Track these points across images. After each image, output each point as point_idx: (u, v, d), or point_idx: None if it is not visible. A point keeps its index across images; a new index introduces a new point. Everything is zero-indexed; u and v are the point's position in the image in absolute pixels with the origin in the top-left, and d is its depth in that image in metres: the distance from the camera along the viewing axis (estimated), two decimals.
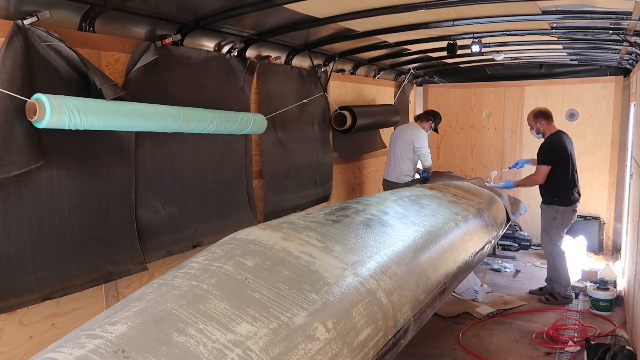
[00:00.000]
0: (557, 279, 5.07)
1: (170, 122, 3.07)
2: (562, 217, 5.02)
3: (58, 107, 2.38)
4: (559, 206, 5.01)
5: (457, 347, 4.16)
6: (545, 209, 5.14)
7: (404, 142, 5.80)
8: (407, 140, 5.78)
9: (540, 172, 5.03)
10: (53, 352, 1.72)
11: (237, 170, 4.06)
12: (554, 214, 5.04)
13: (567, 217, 5.03)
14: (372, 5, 3.54)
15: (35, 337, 2.68)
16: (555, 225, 5.05)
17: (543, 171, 5.00)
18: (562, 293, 5.05)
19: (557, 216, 5.03)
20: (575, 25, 4.16)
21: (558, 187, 5.01)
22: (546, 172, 4.98)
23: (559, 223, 5.04)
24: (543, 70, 7.04)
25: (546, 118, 5.14)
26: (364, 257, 2.65)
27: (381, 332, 2.36)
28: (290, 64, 4.73)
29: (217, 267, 2.23)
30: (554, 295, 5.07)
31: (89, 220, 2.86)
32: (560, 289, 5.06)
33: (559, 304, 5.01)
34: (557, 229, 5.06)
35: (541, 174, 5.01)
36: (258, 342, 1.86)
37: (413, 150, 5.76)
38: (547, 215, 5.12)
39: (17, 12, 2.45)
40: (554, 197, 5.05)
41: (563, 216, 5.02)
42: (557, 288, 5.07)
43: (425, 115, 6.03)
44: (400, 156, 5.81)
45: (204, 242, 3.60)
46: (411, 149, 5.76)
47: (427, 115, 6.01)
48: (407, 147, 5.77)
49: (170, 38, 3.25)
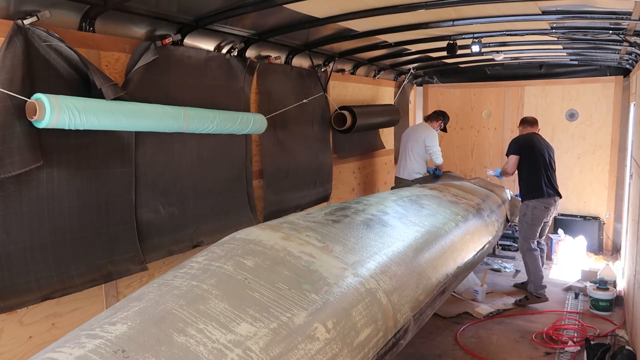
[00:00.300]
0: (528, 277, 5.11)
1: (170, 122, 3.07)
2: (532, 213, 5.04)
3: (58, 107, 2.38)
4: (528, 201, 5.07)
5: (457, 347, 4.16)
6: (520, 206, 5.24)
7: (415, 141, 6.03)
8: (418, 140, 6.01)
9: (508, 161, 5.20)
10: (53, 352, 1.72)
11: (237, 170, 4.06)
12: (525, 210, 5.11)
13: (537, 213, 5.03)
14: (372, 5, 3.54)
15: (35, 337, 2.68)
16: (526, 220, 5.09)
17: (511, 161, 5.15)
18: (532, 291, 5.02)
19: (527, 212, 5.07)
20: (575, 25, 4.16)
21: (527, 182, 5.11)
22: (514, 161, 5.12)
23: (529, 219, 5.06)
24: (543, 70, 7.04)
25: (523, 123, 5.39)
26: (364, 257, 2.65)
27: (381, 332, 2.36)
28: (290, 64, 4.73)
29: (217, 267, 2.23)
30: (527, 295, 5.07)
31: (89, 220, 2.86)
32: (531, 287, 5.04)
33: (531, 303, 4.98)
34: (528, 224, 5.07)
35: (510, 163, 5.17)
36: (258, 342, 1.86)
37: (424, 149, 6.01)
38: (520, 212, 5.22)
39: (17, 12, 2.45)
40: (524, 192, 5.15)
41: (533, 212, 5.03)
42: (529, 287, 5.08)
43: (434, 115, 6.26)
44: (412, 155, 6.04)
45: (204, 242, 3.60)
46: (422, 148, 6.01)
47: (436, 115, 6.24)
48: (418, 146, 6.02)
49: (170, 38, 3.25)
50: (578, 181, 6.92)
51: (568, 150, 6.93)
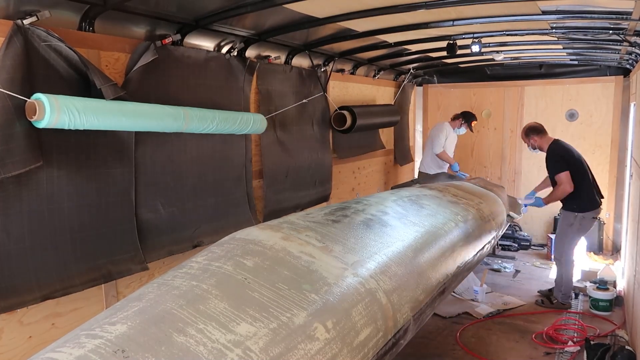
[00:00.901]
0: (558, 285, 5.02)
1: (170, 122, 3.07)
2: (580, 224, 4.85)
3: (58, 106, 2.38)
4: (578, 212, 4.84)
5: (456, 347, 4.16)
6: (564, 214, 4.99)
7: (429, 137, 6.86)
8: (430, 136, 6.83)
9: (561, 179, 4.80)
10: (53, 352, 1.72)
11: (237, 170, 4.06)
12: (572, 220, 4.88)
13: (585, 224, 4.87)
14: (372, 5, 3.54)
15: (35, 337, 2.68)
16: (572, 231, 4.89)
17: (564, 178, 4.77)
18: (559, 299, 4.98)
19: (574, 222, 4.86)
20: (575, 25, 4.16)
21: (579, 196, 4.82)
22: (567, 177, 4.76)
23: (576, 230, 4.88)
24: (543, 70, 7.04)
25: (538, 133, 5.05)
26: (363, 257, 2.65)
27: (381, 332, 2.36)
28: (290, 64, 4.73)
29: (216, 267, 2.23)
30: (550, 299, 5.03)
31: (89, 220, 2.86)
32: (559, 295, 4.98)
33: (554, 308, 4.95)
34: (573, 235, 4.91)
35: (564, 180, 4.78)
36: (258, 342, 1.86)
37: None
38: (564, 220, 4.97)
39: (17, 11, 2.45)
40: (573, 202, 4.87)
41: (581, 223, 4.85)
42: (556, 293, 5.02)
43: (456, 115, 6.79)
44: (427, 150, 6.83)
45: (204, 242, 3.60)
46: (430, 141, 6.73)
47: (457, 115, 6.77)
48: (429, 141, 6.80)
49: (170, 38, 3.25)
50: None
51: None
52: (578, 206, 4.84)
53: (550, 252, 6.33)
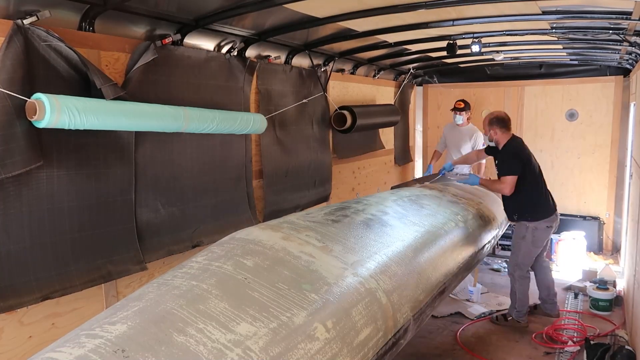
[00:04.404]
0: (512, 302, 4.60)
1: (170, 122, 3.07)
2: (533, 236, 4.41)
3: (58, 106, 2.38)
4: (530, 222, 4.39)
5: (456, 347, 4.16)
6: (517, 226, 4.55)
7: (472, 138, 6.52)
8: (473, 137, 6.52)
9: (506, 182, 4.31)
10: (53, 352, 1.72)
11: (237, 170, 4.06)
12: (524, 232, 4.44)
13: (538, 235, 4.41)
14: (372, 5, 3.54)
15: (35, 336, 2.68)
16: (525, 245, 4.44)
17: (509, 181, 4.29)
18: (513, 316, 4.55)
19: (527, 235, 4.42)
20: (575, 25, 4.16)
21: (528, 200, 4.37)
22: (513, 182, 4.29)
23: (530, 242, 4.43)
24: (543, 70, 7.04)
25: (502, 126, 4.44)
26: (363, 257, 2.66)
27: (381, 332, 2.36)
28: (290, 64, 4.73)
29: (216, 267, 2.23)
30: (505, 316, 4.62)
31: (88, 220, 2.86)
32: (513, 312, 4.56)
33: (509, 325, 4.53)
34: (528, 249, 4.45)
35: (508, 183, 4.30)
36: (258, 341, 1.86)
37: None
38: (517, 233, 4.54)
39: (17, 11, 2.45)
40: (522, 213, 4.42)
41: (534, 234, 4.40)
42: (510, 310, 4.61)
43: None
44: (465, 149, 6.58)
45: (204, 242, 3.60)
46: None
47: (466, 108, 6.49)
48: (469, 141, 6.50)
49: (170, 38, 3.25)
50: (578, 181, 6.92)
51: (568, 150, 6.93)
52: (530, 214, 4.40)
53: (550, 252, 6.32)
